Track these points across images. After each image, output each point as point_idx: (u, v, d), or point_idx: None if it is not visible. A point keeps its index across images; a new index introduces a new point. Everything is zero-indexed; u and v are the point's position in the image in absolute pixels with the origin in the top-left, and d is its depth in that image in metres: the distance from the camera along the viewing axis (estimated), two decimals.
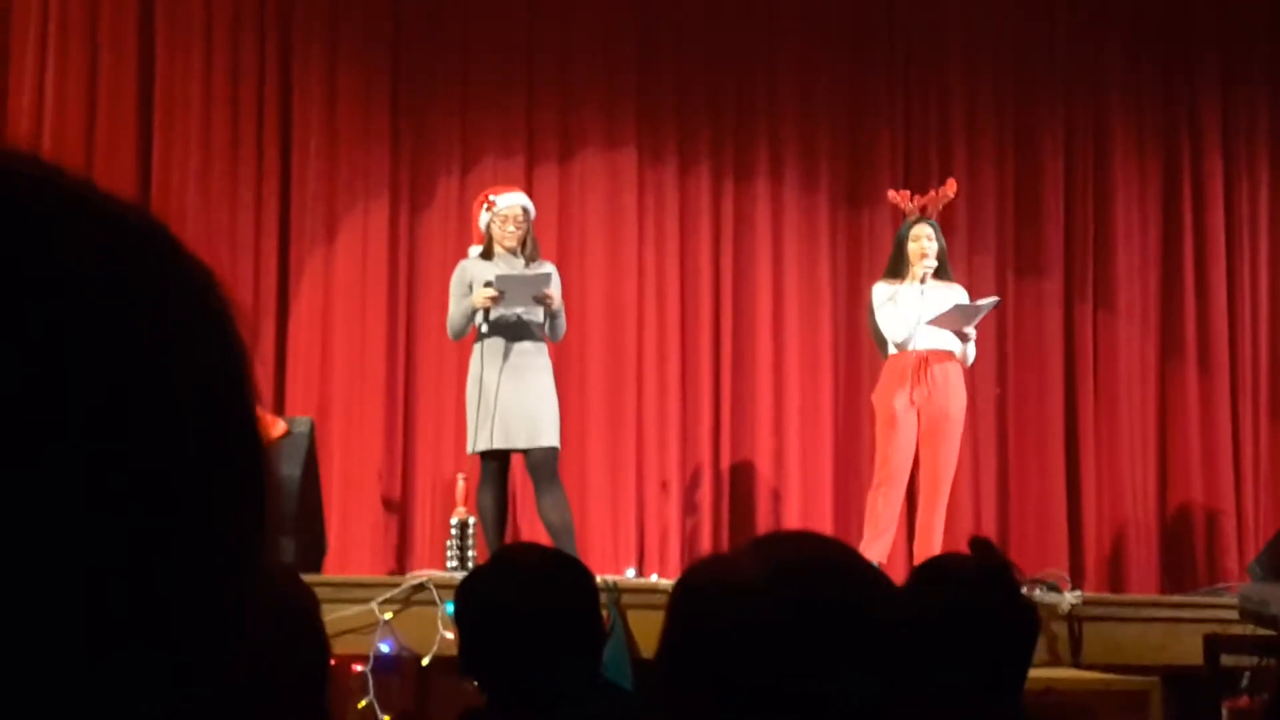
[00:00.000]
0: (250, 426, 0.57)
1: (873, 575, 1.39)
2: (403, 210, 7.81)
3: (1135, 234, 8.18)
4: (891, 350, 6.62)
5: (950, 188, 6.93)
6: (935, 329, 6.53)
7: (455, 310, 6.32)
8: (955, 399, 6.63)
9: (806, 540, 1.43)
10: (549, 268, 6.40)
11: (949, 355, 6.60)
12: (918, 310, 6.51)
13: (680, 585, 1.42)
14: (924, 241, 6.60)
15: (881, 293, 6.66)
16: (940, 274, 6.60)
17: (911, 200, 6.80)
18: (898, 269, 6.66)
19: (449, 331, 6.43)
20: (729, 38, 8.05)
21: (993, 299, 6.74)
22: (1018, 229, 8.18)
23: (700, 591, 1.37)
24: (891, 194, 6.96)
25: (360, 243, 7.73)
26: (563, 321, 6.39)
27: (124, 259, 0.54)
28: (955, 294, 6.63)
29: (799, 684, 1.19)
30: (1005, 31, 8.23)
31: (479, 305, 6.19)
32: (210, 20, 7.70)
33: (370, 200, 7.75)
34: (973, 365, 7.87)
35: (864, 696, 1.23)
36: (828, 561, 1.35)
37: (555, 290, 6.29)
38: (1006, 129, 8.23)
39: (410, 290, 7.74)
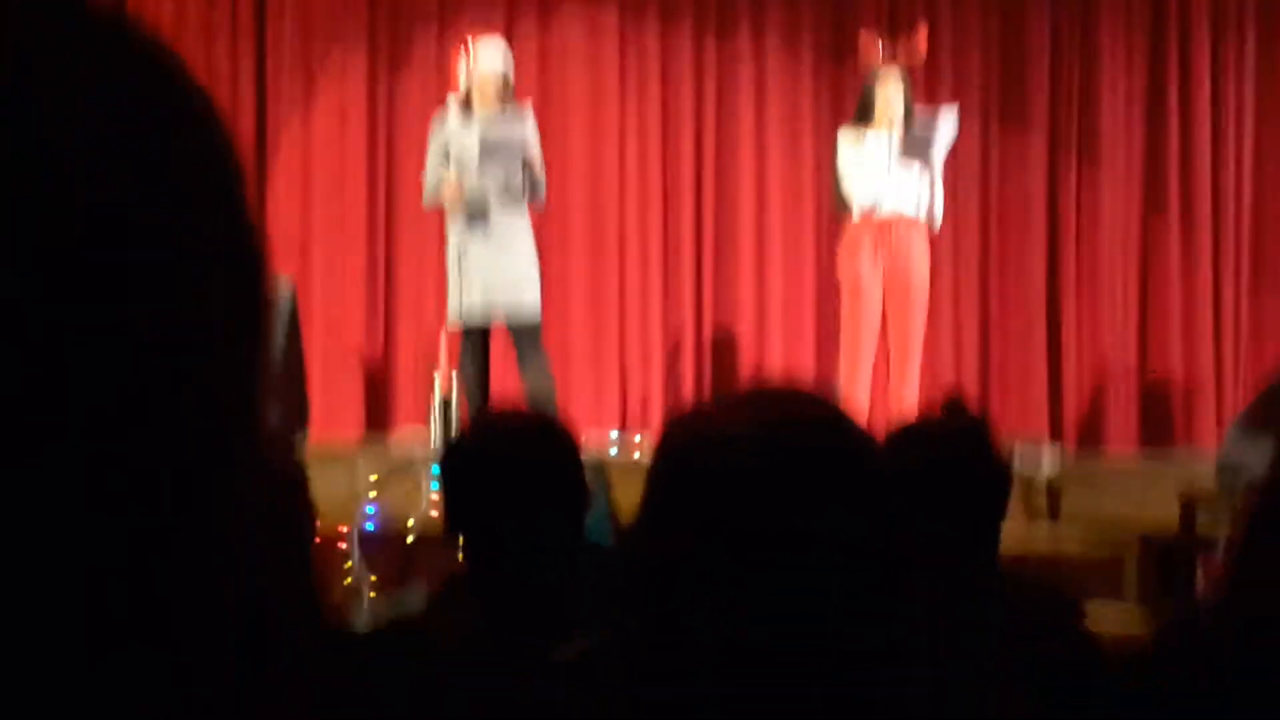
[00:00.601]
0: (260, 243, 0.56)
1: (854, 429, 1.40)
2: (381, 68, 7.72)
3: (1121, 90, 8.12)
4: (855, 213, 6.55)
5: (921, 37, 6.84)
6: (902, 191, 6.47)
7: (431, 177, 6.28)
8: (919, 264, 6.60)
9: (788, 394, 1.43)
10: (527, 112, 6.31)
11: (914, 221, 6.56)
12: (885, 164, 6.44)
13: (662, 440, 1.42)
14: (890, 89, 6.53)
15: (848, 144, 6.58)
16: (907, 124, 6.54)
17: (882, 48, 6.72)
18: (865, 117, 6.60)
19: (424, 198, 6.39)
20: None
21: (952, 106, 6.62)
22: (1002, 83, 8.11)
23: (681, 446, 1.37)
24: (863, 36, 6.86)
25: (338, 101, 7.65)
26: (543, 186, 6.34)
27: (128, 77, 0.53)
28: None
29: (783, 523, 1.20)
30: None
31: (442, 200, 6.15)
32: None
33: (348, 57, 7.65)
34: (954, 223, 7.88)
35: (850, 535, 1.24)
36: (809, 414, 1.35)
37: (534, 139, 6.23)
38: None
39: (390, 148, 7.68)
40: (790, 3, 7.96)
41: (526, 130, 6.20)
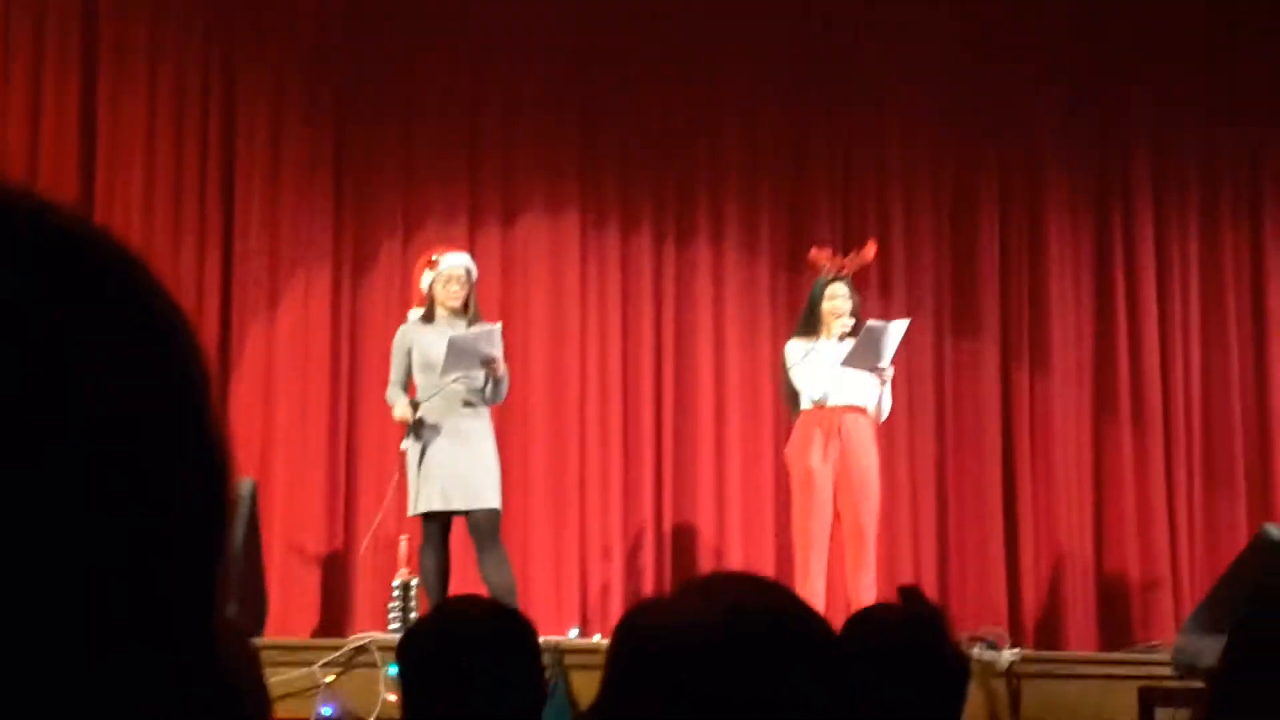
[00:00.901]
0: (221, 437, 0.59)
1: (812, 617, 1.42)
2: (345, 275, 7.83)
3: (1069, 298, 8.30)
4: (805, 405, 6.65)
5: (869, 250, 7.04)
6: (849, 385, 6.58)
7: (392, 387, 6.39)
8: (867, 454, 6.68)
9: (747, 581, 1.45)
10: (497, 332, 6.44)
11: (862, 410, 6.67)
12: (834, 367, 6.57)
13: (620, 627, 1.43)
14: (839, 301, 6.69)
15: (796, 350, 6.72)
16: (855, 332, 6.69)
17: (831, 260, 6.89)
18: (812, 327, 6.74)
19: (388, 401, 6.48)
20: (669, 103, 8.14)
21: (901, 321, 6.75)
22: (955, 293, 8.29)
23: (640, 634, 1.38)
24: (813, 252, 7.04)
25: (302, 307, 7.74)
26: (505, 385, 6.43)
27: (115, 282, 0.57)
28: None
29: (739, 707, 1.22)
30: (941, 100, 8.36)
31: (399, 415, 6.26)
32: (154, 88, 7.74)
33: (312, 265, 7.77)
34: (910, 425, 7.98)
35: (805, 717, 1.26)
36: (768, 603, 1.37)
37: (498, 349, 6.34)
38: (943, 195, 8.35)
39: (352, 354, 7.75)
40: (747, 213, 8.15)
41: (495, 348, 6.29)
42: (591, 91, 8.14)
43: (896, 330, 6.60)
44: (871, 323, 6.61)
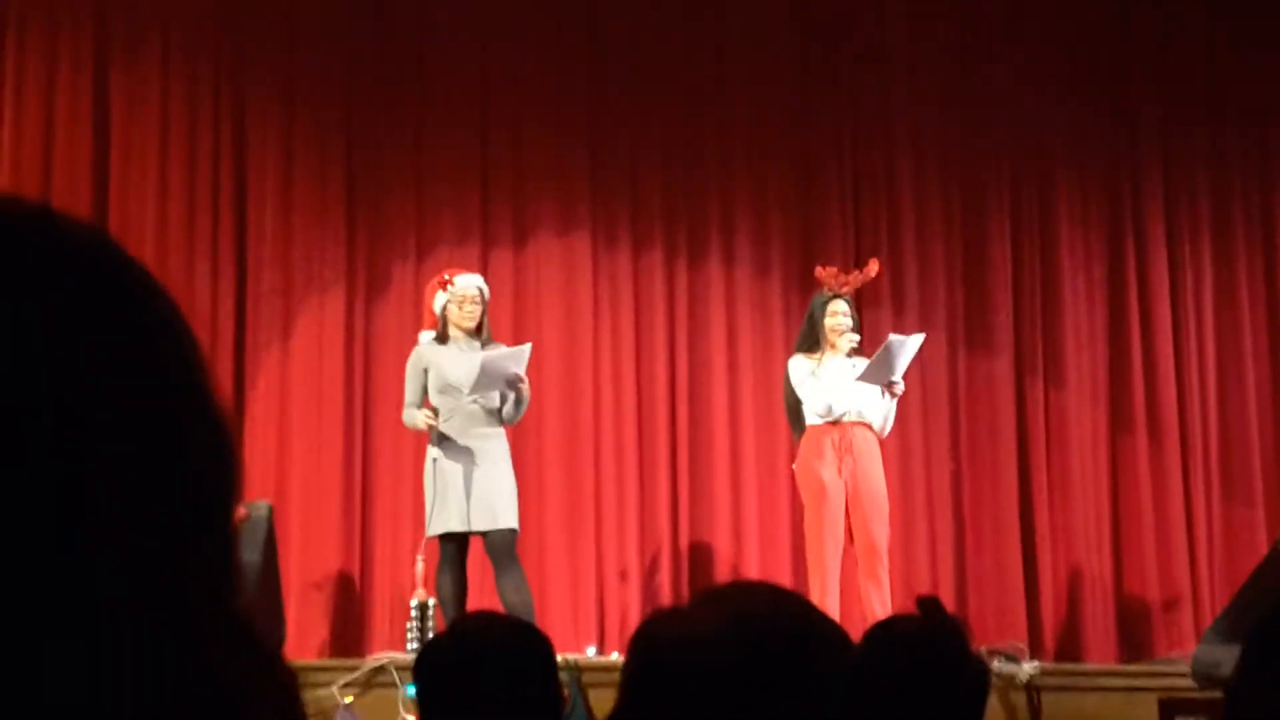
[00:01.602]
0: (206, 396, 0.61)
1: (829, 627, 1.41)
2: (358, 298, 7.85)
3: (1082, 310, 8.29)
4: (812, 420, 6.65)
5: (871, 268, 7.04)
6: (856, 400, 6.58)
7: (409, 407, 6.38)
8: (878, 469, 6.70)
9: (764, 591, 1.44)
10: (524, 352, 6.42)
11: (868, 425, 6.67)
12: (843, 383, 6.57)
13: (638, 637, 1.43)
14: (841, 317, 6.71)
15: (801, 366, 6.72)
16: (861, 348, 6.71)
17: (836, 278, 6.89)
18: (815, 343, 6.75)
19: (405, 420, 6.48)
20: (679, 121, 8.16)
21: (918, 335, 6.75)
22: (967, 308, 8.28)
23: (657, 643, 1.37)
24: (819, 271, 7.03)
25: (316, 330, 7.76)
26: (525, 407, 6.44)
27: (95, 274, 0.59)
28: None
29: (756, 716, 1.22)
30: (950, 115, 8.36)
31: (421, 427, 6.25)
32: (166, 112, 7.77)
33: (326, 289, 7.79)
34: (926, 440, 7.97)
35: None
36: (785, 613, 1.37)
37: (523, 373, 6.36)
38: (954, 207, 8.35)
39: (366, 376, 7.76)
40: (759, 230, 8.15)
41: (522, 368, 6.30)
42: (601, 112, 8.15)
43: (914, 345, 6.61)
44: (893, 337, 6.61)
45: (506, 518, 6.23)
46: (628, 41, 8.19)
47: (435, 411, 6.26)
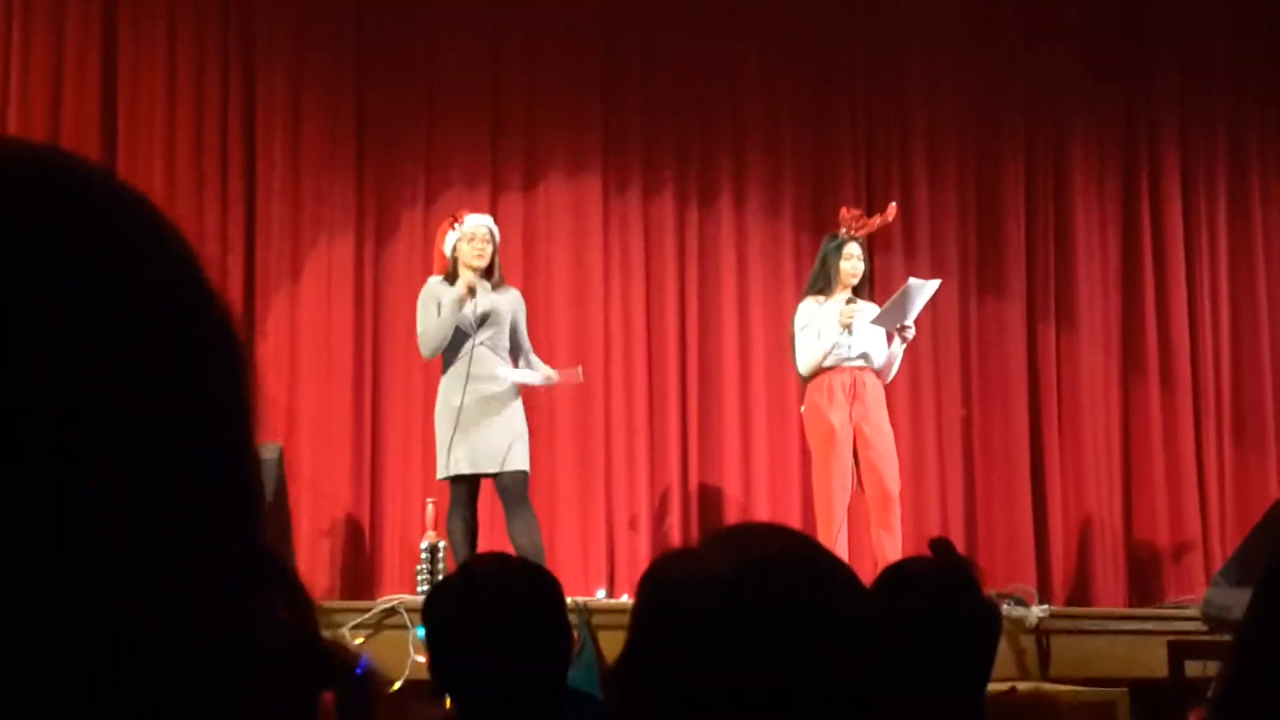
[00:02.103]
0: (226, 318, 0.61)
1: (839, 569, 1.40)
2: (368, 241, 7.82)
3: (1095, 255, 8.26)
4: (828, 362, 6.62)
5: (890, 212, 6.99)
6: (861, 345, 6.55)
7: (430, 324, 6.29)
8: (885, 415, 6.69)
9: (773, 532, 1.43)
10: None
11: (875, 372, 6.65)
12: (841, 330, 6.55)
13: (646, 579, 1.42)
14: (856, 261, 6.67)
15: (807, 312, 6.69)
16: (859, 293, 6.66)
17: (858, 221, 6.83)
18: (827, 284, 6.70)
19: (424, 349, 6.39)
20: (691, 65, 8.11)
21: (935, 280, 6.73)
22: (980, 252, 8.25)
23: (666, 585, 1.37)
24: (844, 212, 6.97)
25: (325, 273, 7.74)
26: (539, 383, 6.48)
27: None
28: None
29: (766, 679, 1.21)
30: (965, 56, 8.31)
31: (462, 292, 6.19)
32: (173, 56, 7.72)
33: (335, 232, 7.76)
34: (938, 386, 7.96)
35: (833, 692, 1.24)
36: (795, 554, 1.36)
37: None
38: (968, 153, 8.30)
39: (376, 320, 7.75)
40: (770, 173, 8.11)
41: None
42: (613, 55, 8.10)
43: (930, 289, 6.58)
44: (912, 280, 6.58)
45: (517, 460, 6.23)
46: None
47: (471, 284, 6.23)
